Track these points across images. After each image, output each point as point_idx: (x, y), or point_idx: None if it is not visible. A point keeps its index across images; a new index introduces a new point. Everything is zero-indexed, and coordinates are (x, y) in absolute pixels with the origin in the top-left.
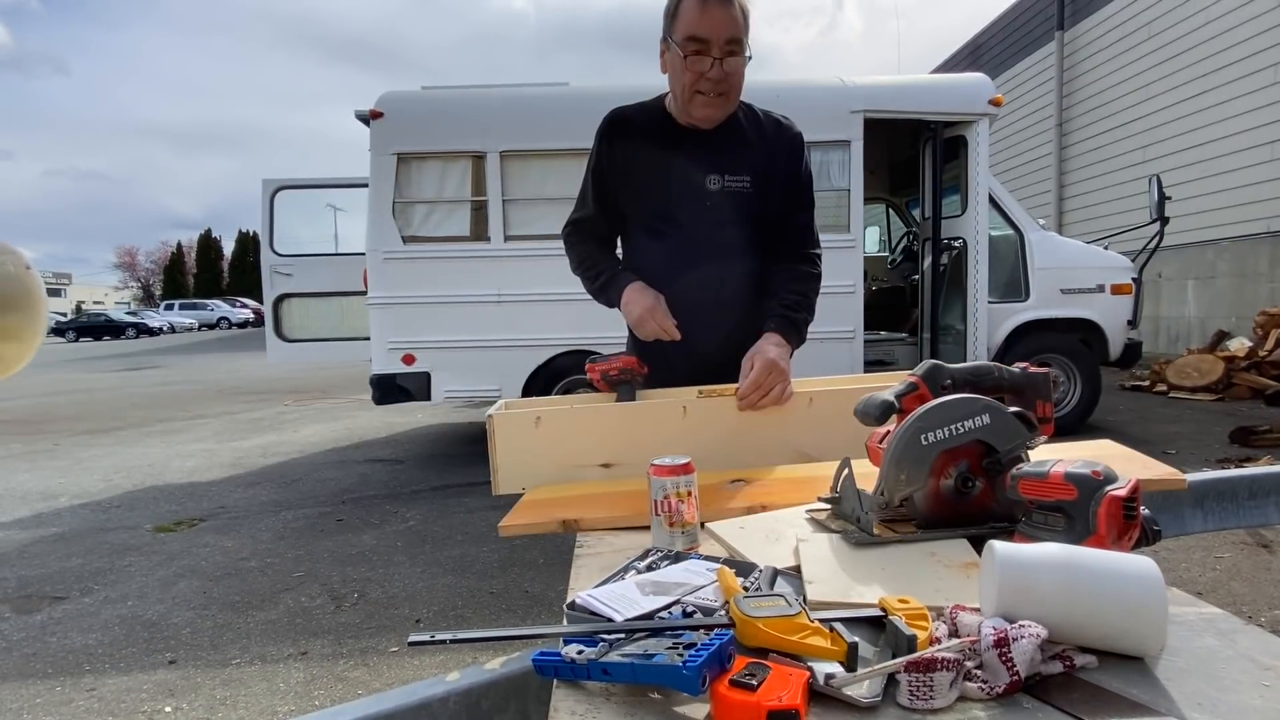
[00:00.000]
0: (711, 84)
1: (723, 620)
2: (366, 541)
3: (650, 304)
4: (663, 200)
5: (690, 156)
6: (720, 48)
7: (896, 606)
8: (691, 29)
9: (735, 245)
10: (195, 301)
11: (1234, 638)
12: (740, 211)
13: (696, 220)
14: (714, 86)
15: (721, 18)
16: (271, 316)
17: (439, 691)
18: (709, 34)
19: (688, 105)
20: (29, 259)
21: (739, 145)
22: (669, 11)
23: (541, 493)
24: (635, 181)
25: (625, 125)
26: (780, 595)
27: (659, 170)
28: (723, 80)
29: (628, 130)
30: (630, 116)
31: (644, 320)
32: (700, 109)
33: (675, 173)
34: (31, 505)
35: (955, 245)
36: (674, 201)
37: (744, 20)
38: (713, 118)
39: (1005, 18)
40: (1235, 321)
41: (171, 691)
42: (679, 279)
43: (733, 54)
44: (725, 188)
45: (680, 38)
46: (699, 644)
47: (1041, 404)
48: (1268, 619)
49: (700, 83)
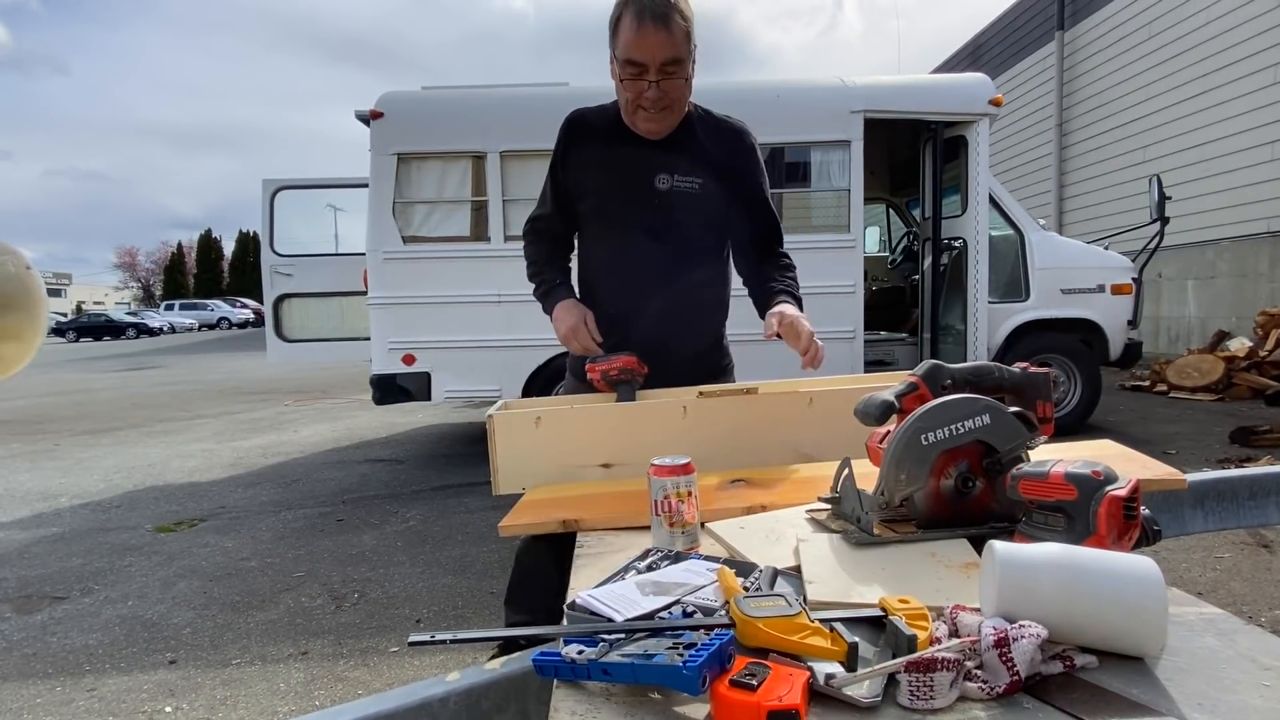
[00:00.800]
0: (651, 103)
1: (723, 620)
2: (367, 541)
3: (574, 323)
4: (612, 200)
5: (640, 157)
6: (657, 70)
7: (897, 607)
8: (628, 52)
9: (685, 245)
10: (195, 302)
11: (1234, 638)
12: (690, 212)
13: (644, 220)
14: (653, 104)
15: (657, 41)
16: (272, 317)
17: (439, 692)
18: (645, 58)
19: (632, 119)
20: (29, 259)
21: (690, 147)
22: (611, 26)
23: (542, 493)
24: (588, 182)
25: (582, 126)
26: (780, 595)
27: (610, 171)
28: (661, 99)
29: (584, 132)
30: (587, 118)
31: (568, 338)
32: (643, 123)
33: (624, 173)
34: (32, 505)
35: (955, 245)
36: (623, 201)
37: (685, 39)
38: (656, 131)
39: (1005, 18)
40: (1235, 321)
41: (172, 691)
42: (626, 277)
43: (670, 75)
44: (674, 188)
45: (619, 59)
46: (699, 644)
47: (1042, 404)
48: (1268, 619)
49: (640, 100)
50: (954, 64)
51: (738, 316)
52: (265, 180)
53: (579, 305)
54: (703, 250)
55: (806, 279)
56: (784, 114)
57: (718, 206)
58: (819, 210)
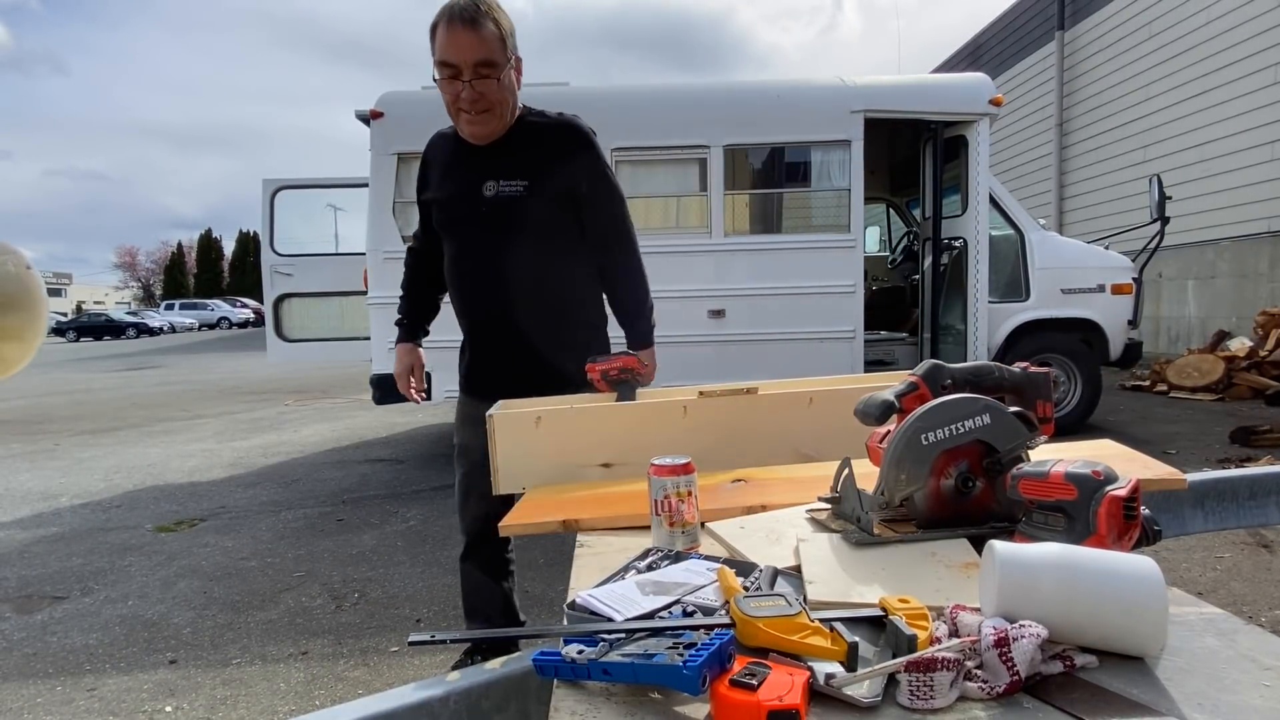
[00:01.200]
0: (468, 103)
1: (723, 620)
2: (367, 541)
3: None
4: (450, 210)
5: (470, 167)
6: (470, 70)
7: (897, 606)
8: (441, 54)
9: (514, 249)
10: (196, 301)
11: (1234, 638)
12: (515, 215)
13: (474, 227)
14: (471, 106)
15: (467, 42)
16: (272, 316)
17: (439, 691)
18: (456, 59)
19: (455, 122)
20: (29, 259)
21: (515, 151)
22: (430, 34)
23: (542, 493)
24: (435, 198)
25: (435, 147)
26: (780, 595)
27: (448, 182)
28: (478, 100)
29: (435, 151)
30: (440, 139)
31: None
32: (465, 126)
33: (459, 183)
34: (32, 505)
35: (955, 245)
36: (458, 211)
37: (499, 43)
38: (479, 135)
39: (1005, 17)
40: (1236, 321)
41: (172, 691)
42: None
43: (483, 77)
44: (500, 193)
45: (435, 61)
46: (699, 644)
47: (1042, 404)
48: (1268, 619)
49: (458, 102)
50: (954, 64)
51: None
52: (265, 180)
53: (412, 352)
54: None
55: (807, 279)
56: (784, 114)
57: (546, 207)
58: (819, 210)
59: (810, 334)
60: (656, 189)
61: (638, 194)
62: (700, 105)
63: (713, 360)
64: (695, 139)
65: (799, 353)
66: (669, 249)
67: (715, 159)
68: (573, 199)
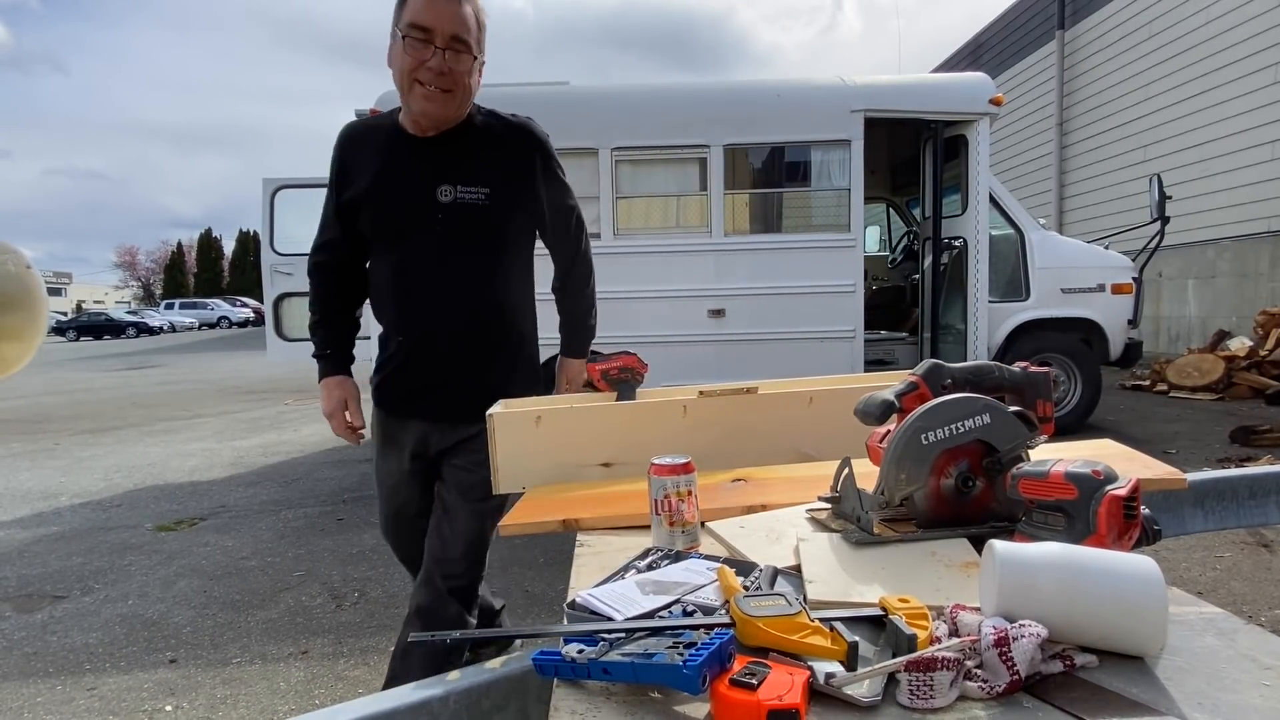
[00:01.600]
0: (432, 74)
1: (723, 620)
2: (367, 541)
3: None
4: (391, 214)
5: (419, 167)
6: (444, 39)
7: (897, 606)
8: (416, 17)
9: (469, 263)
10: (196, 301)
11: (1234, 637)
12: (474, 226)
13: (427, 236)
14: (435, 79)
15: (449, 12)
16: (272, 316)
17: (439, 691)
18: (433, 24)
19: (407, 97)
20: (29, 258)
21: (475, 153)
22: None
23: (542, 492)
24: (366, 194)
25: (357, 137)
26: (780, 595)
27: (388, 183)
28: (446, 75)
29: (359, 144)
30: (361, 128)
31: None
32: (418, 101)
33: (403, 185)
34: (32, 504)
35: (955, 245)
36: (403, 216)
37: (475, 24)
38: (432, 114)
39: (1006, 17)
40: (1236, 321)
41: (172, 690)
42: (404, 301)
43: (457, 51)
44: (458, 200)
45: (404, 25)
46: (699, 643)
47: (1042, 403)
48: (1268, 619)
49: (420, 71)
50: (954, 63)
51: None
52: (265, 179)
53: (343, 385)
54: (496, 266)
55: (807, 278)
56: (784, 113)
57: (506, 219)
58: (819, 210)
59: (810, 333)
60: (657, 188)
61: (638, 193)
62: (700, 105)
63: (713, 360)
64: (695, 138)
65: (799, 352)
66: (669, 248)
67: (715, 158)
68: (534, 211)
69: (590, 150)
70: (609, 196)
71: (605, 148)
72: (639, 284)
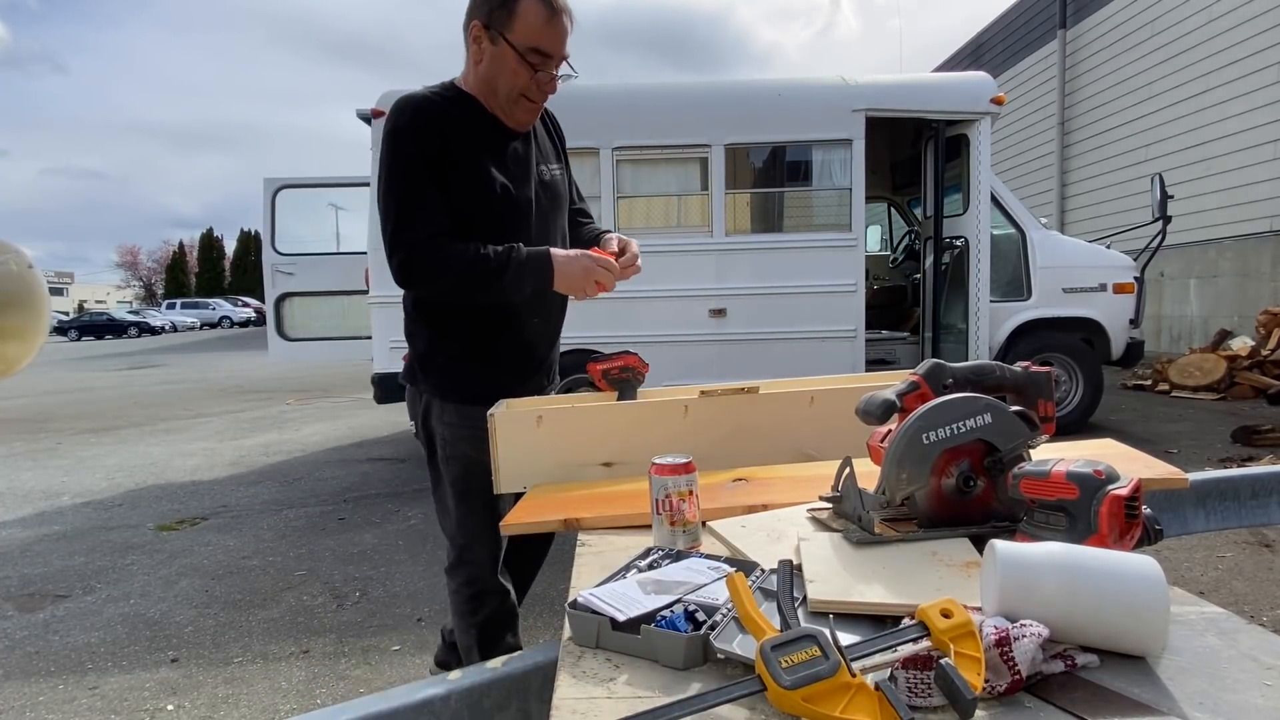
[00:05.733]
0: (544, 95)
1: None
2: (368, 540)
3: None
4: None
5: (523, 150)
6: (558, 61)
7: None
8: (538, 41)
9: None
10: (197, 300)
11: (1236, 637)
12: (559, 198)
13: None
14: (540, 96)
15: (565, 34)
16: (273, 315)
17: (440, 690)
18: (554, 50)
19: (511, 107)
20: (31, 258)
21: (545, 136)
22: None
23: (543, 492)
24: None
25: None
26: (812, 637)
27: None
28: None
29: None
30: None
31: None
32: (523, 113)
33: (513, 168)
34: (34, 504)
35: (957, 244)
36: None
37: None
38: (529, 123)
39: (1007, 16)
40: (1238, 321)
41: (174, 690)
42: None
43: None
44: (552, 176)
45: (523, 45)
46: None
47: (1043, 403)
48: (1270, 618)
49: (533, 90)
50: (955, 63)
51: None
52: (267, 179)
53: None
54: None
55: (808, 278)
56: (785, 112)
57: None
58: (820, 209)
59: (811, 333)
60: (658, 188)
61: (639, 193)
62: (702, 104)
63: (714, 359)
64: (697, 138)
65: (800, 352)
66: (670, 248)
67: (716, 158)
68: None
69: (591, 150)
70: (610, 196)
71: (606, 147)
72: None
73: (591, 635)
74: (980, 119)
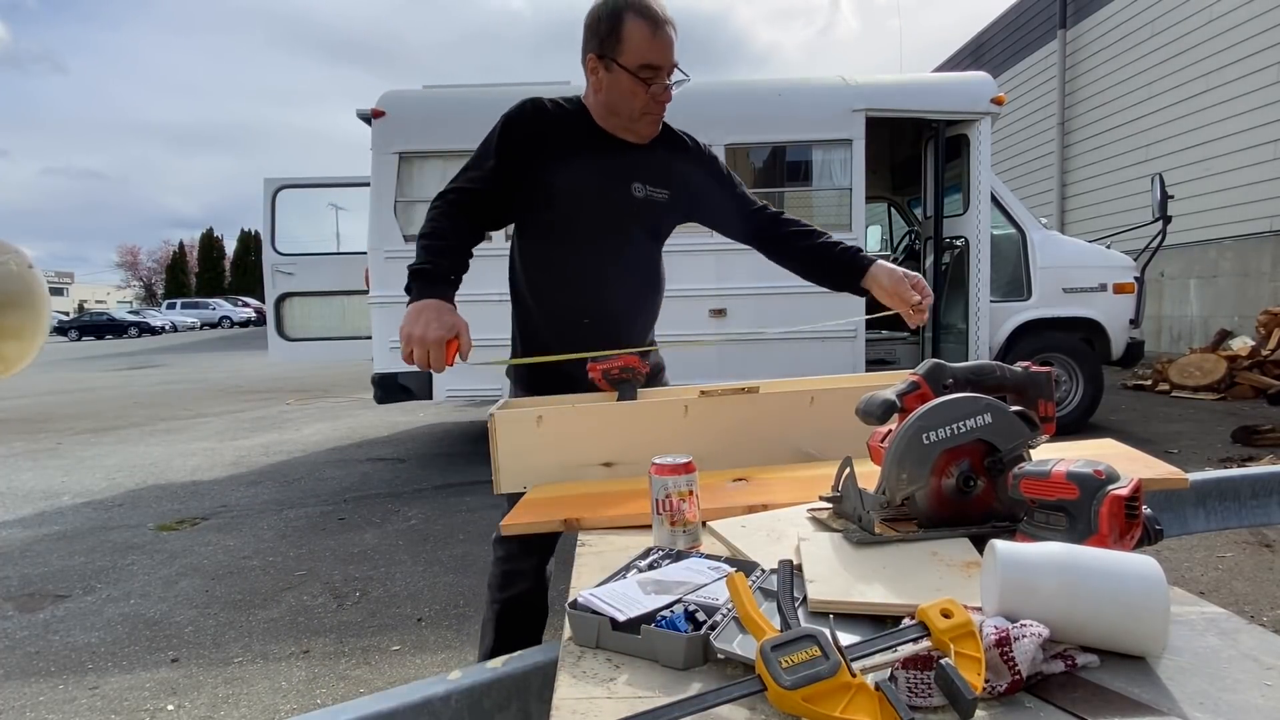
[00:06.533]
0: (663, 106)
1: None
2: (368, 540)
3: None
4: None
5: (618, 164)
6: (669, 70)
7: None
8: (647, 56)
9: (649, 255)
10: (197, 300)
11: (1236, 637)
12: (657, 221)
13: (612, 228)
14: (658, 107)
15: (670, 44)
16: (273, 315)
17: (441, 690)
18: (662, 62)
19: (636, 124)
20: (31, 258)
21: (662, 157)
22: (606, 32)
23: (543, 491)
24: (561, 181)
25: (544, 117)
26: (812, 636)
27: (590, 175)
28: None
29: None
30: (554, 111)
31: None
32: (648, 127)
33: (602, 178)
34: (34, 504)
35: (957, 244)
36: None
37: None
38: (652, 135)
39: (1007, 16)
40: (1238, 321)
41: (174, 690)
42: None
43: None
44: (649, 197)
45: (634, 65)
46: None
47: (1043, 403)
48: (1270, 619)
49: (652, 105)
50: (955, 63)
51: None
52: (267, 179)
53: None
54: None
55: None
56: (786, 112)
57: (676, 219)
58: (821, 209)
59: (811, 333)
60: None
61: None
62: (702, 104)
63: (714, 359)
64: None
65: (800, 352)
66: (670, 248)
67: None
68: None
69: None
70: None
71: None
72: None
73: (591, 635)
74: (980, 119)
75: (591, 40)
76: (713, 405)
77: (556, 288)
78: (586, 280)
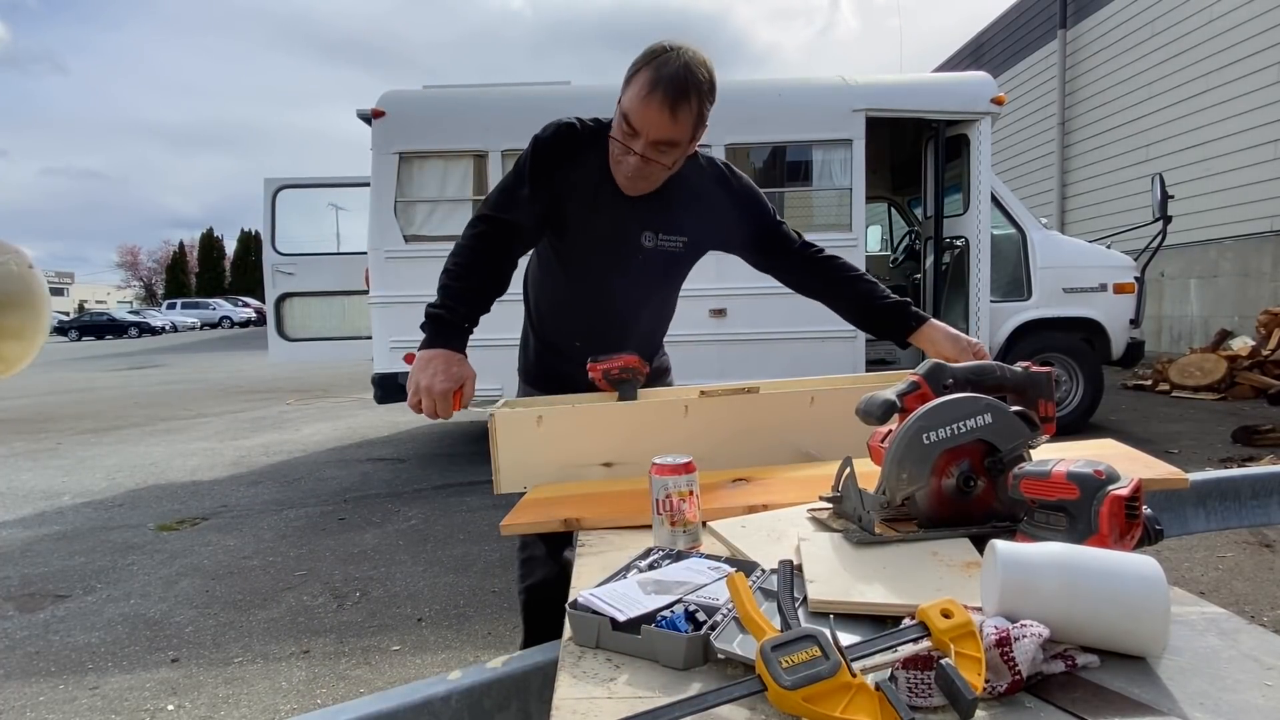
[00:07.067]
0: (632, 170)
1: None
2: (368, 540)
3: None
4: (591, 246)
5: (625, 207)
6: (646, 145)
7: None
8: (629, 108)
9: (648, 297)
10: (197, 301)
11: (1236, 637)
12: (666, 268)
13: (616, 272)
14: (635, 174)
15: (658, 120)
16: (273, 315)
17: (441, 690)
18: (641, 127)
19: (613, 169)
20: (31, 258)
21: (680, 204)
22: (629, 71)
23: (543, 492)
24: (571, 216)
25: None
26: (813, 636)
27: (597, 215)
28: (640, 169)
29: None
30: (583, 137)
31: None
32: (620, 178)
33: (609, 224)
34: (34, 504)
35: (957, 244)
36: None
37: (692, 122)
38: (629, 190)
39: (1007, 16)
40: (1238, 321)
41: (174, 690)
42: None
43: (660, 152)
44: (659, 246)
45: (622, 109)
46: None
47: (1043, 403)
48: (1270, 619)
49: (623, 165)
50: (955, 63)
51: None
52: (267, 179)
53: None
54: (665, 301)
55: None
56: (786, 112)
57: (692, 262)
58: (821, 209)
59: (812, 333)
60: None
61: None
62: None
63: (714, 360)
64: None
65: (800, 352)
66: None
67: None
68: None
69: None
70: None
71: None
72: None
73: (592, 635)
74: (980, 119)
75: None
76: (713, 405)
77: (554, 312)
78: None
